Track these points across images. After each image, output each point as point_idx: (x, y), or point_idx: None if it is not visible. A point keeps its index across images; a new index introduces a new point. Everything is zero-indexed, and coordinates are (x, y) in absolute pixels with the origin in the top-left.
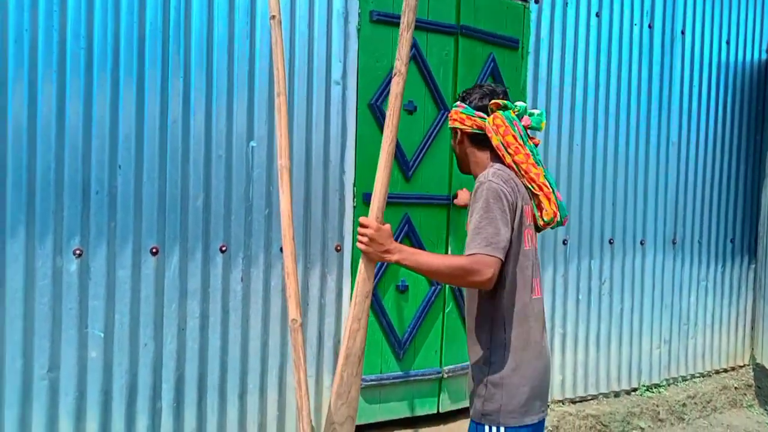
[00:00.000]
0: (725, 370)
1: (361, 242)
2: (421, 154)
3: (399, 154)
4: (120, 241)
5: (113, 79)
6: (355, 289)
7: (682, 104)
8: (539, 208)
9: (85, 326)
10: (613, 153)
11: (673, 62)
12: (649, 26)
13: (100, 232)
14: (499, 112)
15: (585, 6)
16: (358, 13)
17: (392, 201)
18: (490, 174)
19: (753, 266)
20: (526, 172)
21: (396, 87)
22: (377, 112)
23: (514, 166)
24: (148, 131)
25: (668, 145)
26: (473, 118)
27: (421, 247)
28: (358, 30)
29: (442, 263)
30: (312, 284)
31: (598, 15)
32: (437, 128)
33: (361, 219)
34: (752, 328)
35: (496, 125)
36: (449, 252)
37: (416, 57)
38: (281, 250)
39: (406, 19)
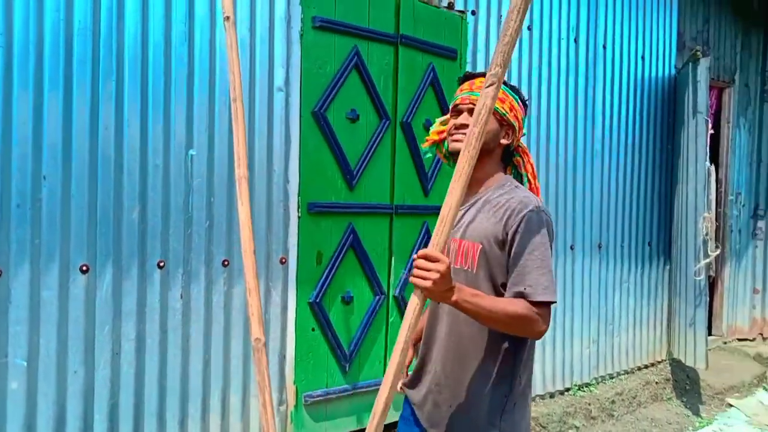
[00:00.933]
0: (646, 366)
1: (427, 279)
2: (365, 163)
3: (343, 163)
4: (45, 258)
5: (37, 81)
6: (399, 339)
7: (604, 115)
8: None
9: (5, 355)
10: (545, 161)
11: (596, 75)
12: (575, 41)
13: (21, 250)
14: None
15: None
16: (301, 19)
17: (336, 210)
18: (542, 203)
19: (668, 267)
20: (537, 189)
21: (490, 101)
22: (321, 121)
23: (532, 182)
24: (76, 138)
25: (593, 154)
26: (522, 124)
27: (366, 257)
28: (301, 35)
29: (504, 310)
30: None
31: (529, 28)
32: (379, 137)
33: (427, 252)
34: (668, 325)
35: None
36: (392, 264)
37: (358, 65)
38: (224, 264)
39: (517, 17)
